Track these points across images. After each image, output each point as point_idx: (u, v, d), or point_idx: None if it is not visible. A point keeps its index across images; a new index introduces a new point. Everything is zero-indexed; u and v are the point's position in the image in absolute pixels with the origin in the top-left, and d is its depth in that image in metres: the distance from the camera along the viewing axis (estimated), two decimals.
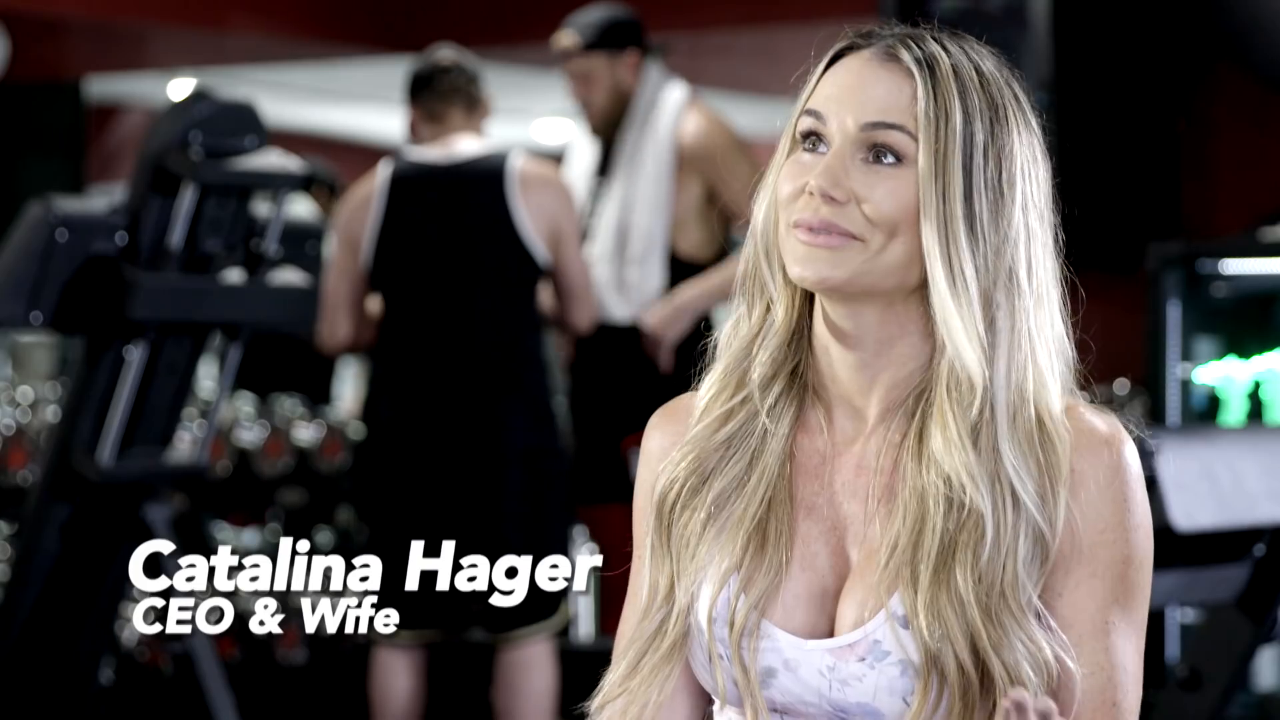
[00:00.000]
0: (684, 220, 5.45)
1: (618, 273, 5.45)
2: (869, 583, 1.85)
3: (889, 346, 1.87)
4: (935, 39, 1.88)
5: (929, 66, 1.85)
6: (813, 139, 1.87)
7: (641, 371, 5.42)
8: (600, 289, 5.43)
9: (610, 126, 5.52)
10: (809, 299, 1.91)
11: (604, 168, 5.57)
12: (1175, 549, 3.36)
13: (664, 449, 1.96)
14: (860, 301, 1.86)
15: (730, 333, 1.95)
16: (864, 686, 1.83)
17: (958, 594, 1.80)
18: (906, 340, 1.88)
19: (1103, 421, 1.87)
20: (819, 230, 1.84)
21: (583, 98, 5.54)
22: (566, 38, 5.55)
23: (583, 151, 5.65)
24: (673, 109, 5.48)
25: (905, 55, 1.85)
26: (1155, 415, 5.50)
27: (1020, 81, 1.90)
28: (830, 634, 1.86)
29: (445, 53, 5.30)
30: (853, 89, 1.86)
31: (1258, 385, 5.58)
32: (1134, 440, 1.88)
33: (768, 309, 1.92)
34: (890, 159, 1.84)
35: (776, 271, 1.90)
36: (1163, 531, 3.19)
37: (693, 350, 1.99)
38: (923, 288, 1.85)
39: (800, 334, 1.91)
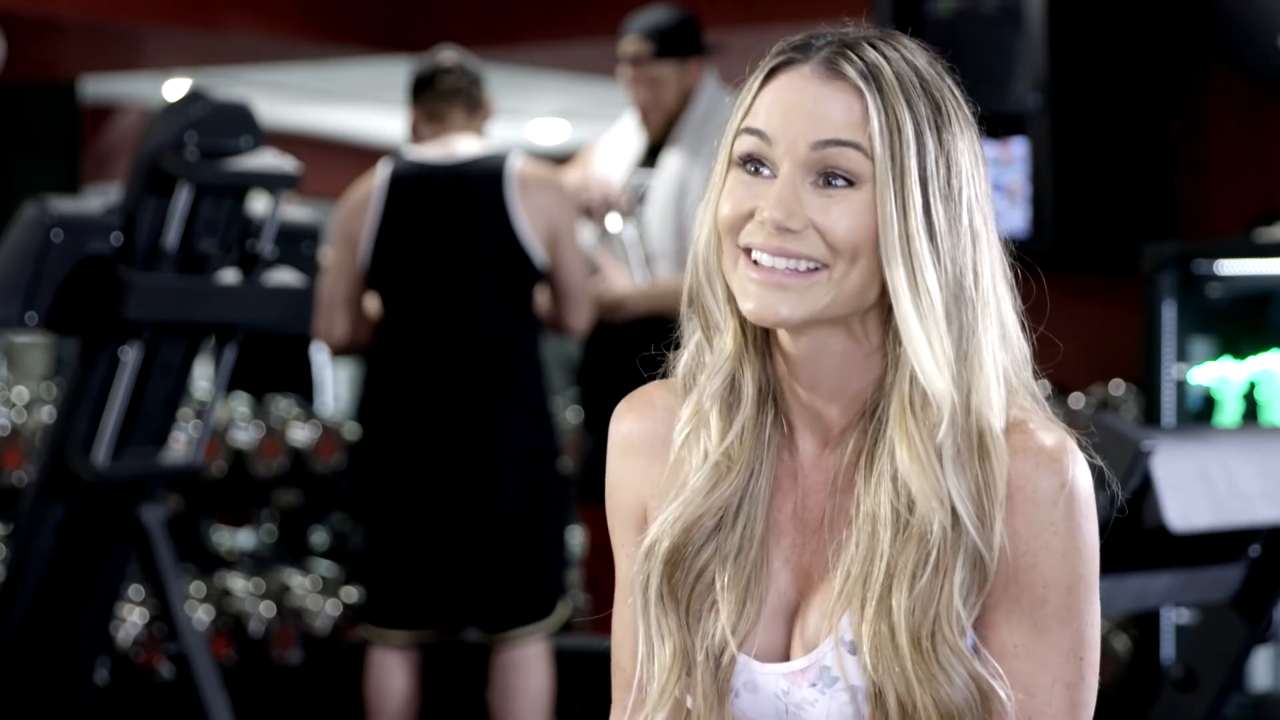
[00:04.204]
0: None
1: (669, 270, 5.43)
2: (822, 607, 1.81)
3: (846, 361, 1.81)
4: (870, 44, 1.79)
5: (874, 78, 1.77)
6: (754, 162, 1.80)
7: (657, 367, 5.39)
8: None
9: (666, 127, 5.52)
10: None
11: (650, 160, 5.56)
12: (1170, 550, 3.36)
13: (633, 442, 1.91)
14: (816, 328, 1.80)
15: (695, 358, 1.87)
16: (816, 711, 1.80)
17: (892, 620, 1.75)
18: (863, 354, 1.81)
19: (1052, 438, 1.79)
20: (776, 257, 1.76)
21: (649, 103, 5.50)
22: (635, 43, 5.48)
23: (630, 139, 5.62)
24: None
25: (849, 69, 1.77)
26: (1150, 416, 5.50)
27: (952, 74, 1.82)
28: (787, 655, 1.83)
29: (448, 54, 5.30)
30: (798, 108, 1.78)
31: (1253, 386, 5.57)
32: (1086, 456, 1.80)
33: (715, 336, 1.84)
34: (841, 182, 1.76)
35: (721, 298, 1.83)
36: (1158, 532, 3.20)
37: (658, 334, 1.92)
38: (879, 303, 1.79)
39: (759, 352, 1.84)
